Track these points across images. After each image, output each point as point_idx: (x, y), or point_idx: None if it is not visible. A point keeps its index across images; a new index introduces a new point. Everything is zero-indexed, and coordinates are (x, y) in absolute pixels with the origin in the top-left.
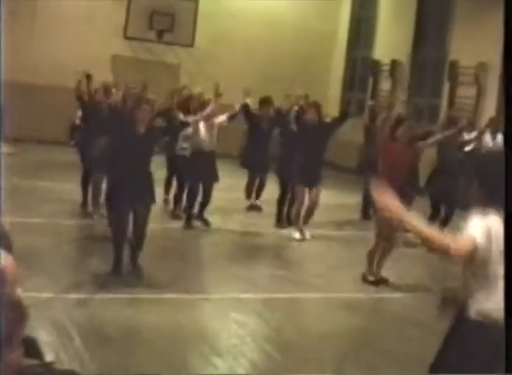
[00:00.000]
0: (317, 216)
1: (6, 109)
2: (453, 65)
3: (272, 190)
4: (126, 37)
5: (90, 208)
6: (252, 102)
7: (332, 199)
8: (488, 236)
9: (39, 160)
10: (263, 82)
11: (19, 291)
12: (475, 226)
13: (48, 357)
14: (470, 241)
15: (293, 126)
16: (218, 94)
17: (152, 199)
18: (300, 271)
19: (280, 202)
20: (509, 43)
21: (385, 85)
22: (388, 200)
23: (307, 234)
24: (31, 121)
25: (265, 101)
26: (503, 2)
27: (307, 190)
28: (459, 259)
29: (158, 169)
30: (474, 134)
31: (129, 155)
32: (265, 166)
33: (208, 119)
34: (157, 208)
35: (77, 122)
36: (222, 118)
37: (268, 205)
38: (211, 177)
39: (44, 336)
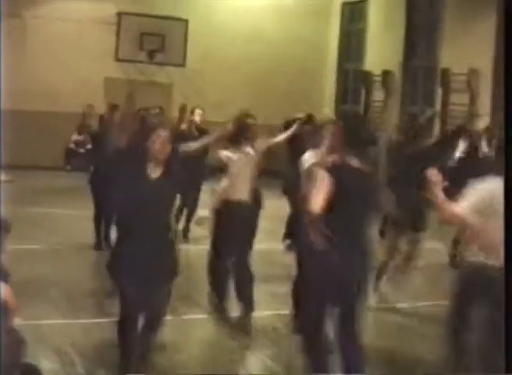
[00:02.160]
0: None
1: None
2: (445, 72)
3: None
4: (118, 59)
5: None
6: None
7: None
8: None
9: (36, 186)
10: (256, 99)
11: (18, 320)
12: None
13: None
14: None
15: None
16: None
17: (174, 273)
18: None
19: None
20: (509, 46)
21: (377, 96)
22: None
23: None
24: (25, 147)
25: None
26: (503, 6)
27: None
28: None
29: None
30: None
31: (136, 209)
32: None
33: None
34: None
35: (72, 146)
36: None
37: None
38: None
39: (46, 363)
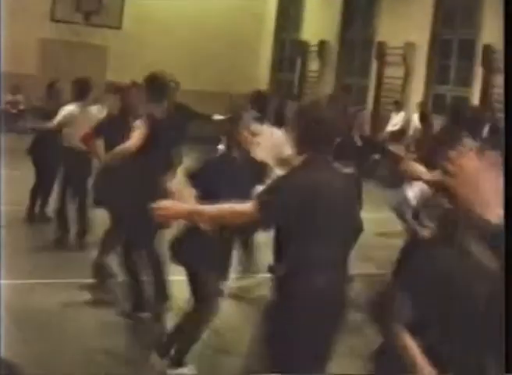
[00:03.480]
0: None
1: None
2: (381, 45)
3: None
4: (53, 20)
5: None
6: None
7: None
8: None
9: None
10: (192, 64)
11: None
12: None
13: None
14: None
15: None
16: None
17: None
18: None
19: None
20: (509, 32)
21: (313, 66)
22: None
23: None
24: None
25: None
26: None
27: None
28: None
29: None
30: (400, 117)
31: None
32: None
33: None
34: None
35: (5, 107)
36: None
37: None
38: None
39: None
